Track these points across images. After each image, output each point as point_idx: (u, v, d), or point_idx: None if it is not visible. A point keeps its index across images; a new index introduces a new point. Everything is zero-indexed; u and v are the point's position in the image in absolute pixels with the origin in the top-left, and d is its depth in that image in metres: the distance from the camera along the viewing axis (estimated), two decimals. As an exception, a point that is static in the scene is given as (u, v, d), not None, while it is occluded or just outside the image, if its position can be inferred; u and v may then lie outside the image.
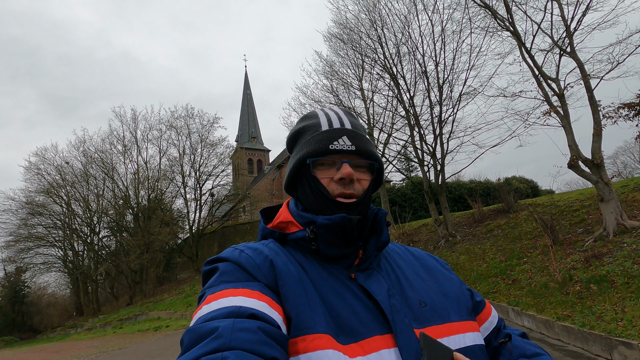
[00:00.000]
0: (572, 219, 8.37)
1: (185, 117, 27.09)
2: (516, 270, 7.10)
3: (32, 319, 35.50)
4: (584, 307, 4.83)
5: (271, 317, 0.55)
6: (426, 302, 0.69)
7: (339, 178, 0.70)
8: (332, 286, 0.65)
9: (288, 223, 0.74)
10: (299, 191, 0.78)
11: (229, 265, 0.64)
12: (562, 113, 7.41)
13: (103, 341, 13.10)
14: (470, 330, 0.70)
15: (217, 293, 0.58)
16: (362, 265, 0.70)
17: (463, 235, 11.00)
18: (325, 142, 0.72)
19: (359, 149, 0.73)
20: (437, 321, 0.67)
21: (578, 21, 7.39)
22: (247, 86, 54.32)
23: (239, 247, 0.69)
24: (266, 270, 0.64)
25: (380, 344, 0.59)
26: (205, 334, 0.50)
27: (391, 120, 13.93)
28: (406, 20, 11.79)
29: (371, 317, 0.62)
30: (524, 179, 21.46)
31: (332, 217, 0.67)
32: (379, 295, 0.65)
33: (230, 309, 0.54)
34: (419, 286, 0.73)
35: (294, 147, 0.82)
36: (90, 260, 29.65)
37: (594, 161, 6.86)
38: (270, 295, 0.60)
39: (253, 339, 0.49)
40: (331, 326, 0.58)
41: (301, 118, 0.84)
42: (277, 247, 0.71)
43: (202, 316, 0.55)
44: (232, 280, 0.61)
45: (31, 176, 27.19)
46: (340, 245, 0.69)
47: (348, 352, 0.56)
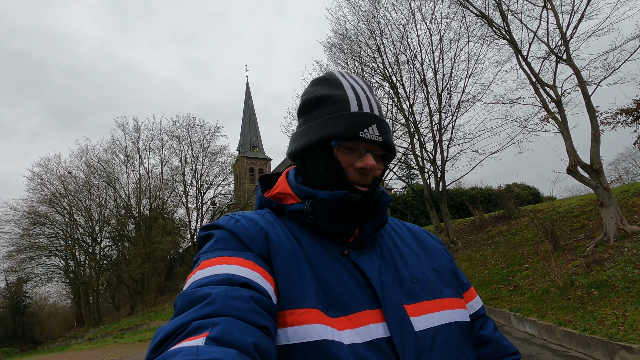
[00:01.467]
0: (572, 225, 8.36)
1: (186, 127, 27.32)
2: (518, 276, 7.08)
3: (32, 330, 35.31)
4: (585, 312, 4.81)
5: (263, 287, 0.55)
6: (418, 277, 0.70)
7: (360, 167, 0.69)
8: (325, 260, 0.65)
9: (286, 195, 0.73)
10: (307, 163, 0.74)
11: (224, 232, 0.64)
12: (560, 119, 7.48)
13: (104, 351, 13.02)
14: (458, 307, 0.71)
15: (212, 260, 0.59)
16: (357, 244, 0.70)
17: (464, 241, 10.98)
18: (356, 128, 0.69)
19: (384, 141, 0.71)
20: (428, 297, 0.68)
21: (573, 29, 7.51)
22: (249, 96, 54.79)
23: (234, 216, 0.69)
24: (260, 241, 0.64)
25: (369, 318, 0.60)
26: (198, 299, 0.50)
27: (391, 128, 14.02)
28: (405, 30, 11.99)
29: (362, 293, 0.62)
30: (525, 186, 21.45)
31: (334, 192, 0.66)
32: (370, 271, 0.66)
33: (224, 276, 0.55)
34: (413, 262, 0.73)
35: (309, 112, 0.76)
36: (91, 270, 29.60)
37: (593, 166, 6.89)
38: (264, 266, 0.60)
39: (245, 307, 0.50)
40: (321, 300, 0.59)
41: (319, 80, 0.78)
42: (273, 218, 0.70)
43: (196, 281, 0.55)
44: (227, 248, 0.61)
45: (34, 186, 27.35)
46: (337, 222, 0.68)
47: (337, 325, 0.57)
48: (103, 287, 30.57)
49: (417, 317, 0.64)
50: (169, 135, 27.24)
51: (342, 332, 0.56)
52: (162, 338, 0.46)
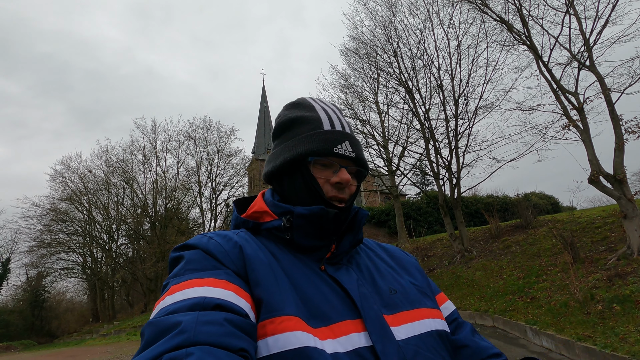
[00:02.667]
0: (593, 236, 8.08)
1: (203, 129, 27.75)
2: (535, 288, 6.88)
3: (50, 324, 36.30)
4: (606, 328, 4.63)
5: (238, 306, 0.54)
6: (396, 289, 0.71)
7: (336, 182, 0.71)
8: (304, 273, 0.65)
9: (262, 213, 0.73)
10: (285, 182, 0.76)
11: (195, 253, 0.63)
12: (582, 127, 7.26)
13: (117, 347, 13.26)
14: (439, 317, 0.72)
15: (182, 283, 0.56)
16: (333, 260, 0.70)
17: (479, 250, 10.75)
18: (330, 144, 0.72)
19: (357, 157, 0.74)
20: (407, 307, 0.68)
21: (597, 35, 7.30)
22: (264, 99, 55.33)
23: (207, 234, 0.68)
24: (235, 256, 0.63)
25: (350, 328, 0.59)
26: (167, 329, 0.47)
27: (406, 133, 13.93)
28: (422, 35, 11.92)
29: (341, 303, 0.62)
30: (544, 195, 20.91)
31: (311, 207, 0.67)
32: (348, 283, 0.66)
33: (195, 300, 0.52)
34: (389, 275, 0.75)
35: (284, 134, 0.79)
36: (107, 267, 30.28)
37: (616, 176, 6.66)
38: (238, 283, 0.58)
39: (219, 331, 0.47)
40: (301, 310, 0.58)
41: (292, 104, 0.82)
42: (249, 236, 0.70)
43: (164, 307, 0.53)
44: (198, 268, 0.59)
45: (56, 184, 28.21)
46: (315, 237, 0.69)
47: (318, 334, 0.56)
48: (118, 284, 31.23)
49: (398, 327, 0.64)
50: (185, 136, 27.75)
51: (324, 342, 0.55)
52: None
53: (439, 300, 0.81)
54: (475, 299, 7.78)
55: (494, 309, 6.87)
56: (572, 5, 7.47)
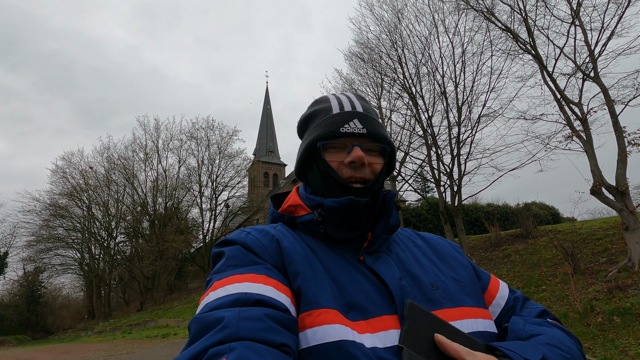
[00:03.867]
0: (594, 248, 8.05)
1: (205, 129, 27.82)
2: (534, 298, 6.83)
3: (45, 320, 36.18)
4: (606, 340, 4.59)
5: (278, 301, 0.55)
6: (438, 285, 0.68)
7: (349, 161, 0.69)
8: (341, 266, 0.64)
9: (297, 207, 0.74)
10: (308, 175, 0.77)
11: (235, 249, 0.64)
12: (585, 138, 7.26)
13: (112, 345, 13.19)
14: (482, 317, 0.67)
15: (223, 280, 0.58)
16: (371, 248, 0.69)
17: (479, 259, 10.71)
18: (336, 125, 0.71)
19: (370, 132, 0.71)
20: (449, 304, 0.65)
21: (602, 46, 7.32)
22: (267, 101, 55.49)
23: (246, 229, 0.69)
24: (272, 250, 0.63)
25: (389, 324, 0.58)
26: (211, 324, 0.50)
27: (408, 139, 13.92)
28: (427, 42, 11.95)
29: (380, 297, 0.61)
30: (545, 205, 20.85)
31: (340, 199, 0.66)
32: (387, 276, 0.64)
33: (236, 296, 0.54)
34: (431, 270, 0.71)
35: (304, 131, 0.80)
36: (105, 264, 30.21)
37: (619, 188, 6.64)
38: (277, 277, 0.59)
39: (260, 327, 0.49)
40: (339, 302, 0.58)
41: (312, 102, 0.83)
42: (286, 229, 0.71)
43: (208, 303, 0.55)
44: (238, 264, 0.61)
45: (57, 179, 28.25)
46: (347, 228, 0.67)
47: (356, 328, 0.55)
48: (115, 281, 31.15)
49: None
50: (187, 136, 27.82)
51: (363, 336, 0.55)
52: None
53: (491, 291, 0.76)
54: (473, 307, 7.74)
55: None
56: (578, 17, 7.49)
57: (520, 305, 0.77)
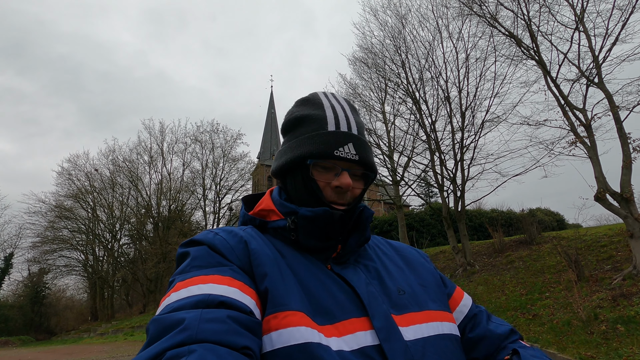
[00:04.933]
0: (599, 255, 7.96)
1: (210, 132, 27.94)
2: (537, 305, 6.77)
3: (49, 320, 36.31)
4: (610, 349, 4.53)
5: (242, 303, 0.54)
6: (405, 290, 0.69)
7: (336, 186, 0.69)
8: (309, 271, 0.64)
9: (269, 211, 0.73)
10: (288, 181, 0.75)
11: (201, 249, 0.62)
12: (589, 144, 7.21)
13: (114, 347, 13.21)
14: (447, 320, 0.69)
15: (187, 280, 0.56)
16: (340, 259, 0.70)
17: (482, 265, 10.63)
18: (331, 147, 0.69)
19: (361, 160, 0.71)
20: (415, 308, 0.67)
21: (607, 52, 7.29)
22: (272, 105, 55.74)
23: (214, 230, 0.68)
24: (240, 251, 0.62)
25: (356, 326, 0.58)
26: (171, 326, 0.48)
27: (412, 144, 13.90)
28: (430, 47, 11.98)
29: (348, 301, 0.61)
30: (550, 211, 20.67)
31: (315, 209, 0.66)
32: (355, 281, 0.65)
33: (199, 297, 0.52)
34: (398, 275, 0.73)
35: (290, 132, 0.78)
36: (109, 265, 30.35)
37: (623, 195, 6.58)
38: (243, 279, 0.58)
39: (222, 329, 0.47)
40: (307, 306, 0.58)
41: (302, 100, 0.80)
42: (255, 232, 0.70)
43: (169, 304, 0.53)
44: (204, 265, 0.59)
45: (62, 181, 28.48)
46: (319, 238, 0.67)
47: (323, 332, 0.55)
48: (118, 283, 31.26)
49: (406, 328, 0.62)
50: (192, 139, 27.95)
51: (329, 339, 0.55)
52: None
53: (456, 298, 0.79)
54: (476, 314, 7.67)
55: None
56: (582, 22, 7.48)
57: (486, 318, 0.79)
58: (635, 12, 7.00)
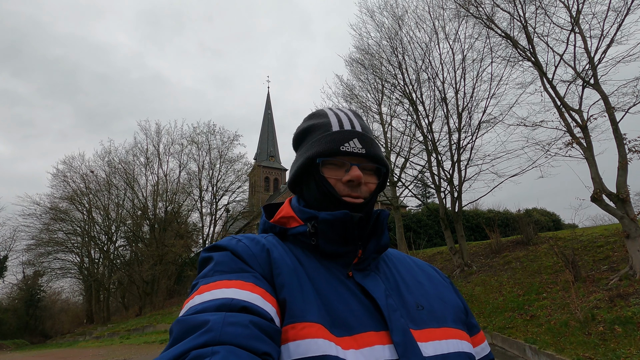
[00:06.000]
0: (595, 255, 7.99)
1: (206, 133, 27.87)
2: (535, 305, 6.78)
3: (44, 324, 36.03)
4: (607, 350, 4.53)
5: (264, 310, 0.54)
6: (423, 305, 0.69)
7: (347, 180, 0.70)
8: (328, 281, 0.65)
9: (289, 218, 0.74)
10: (303, 189, 0.77)
11: (224, 255, 0.64)
12: (585, 145, 7.25)
13: (109, 350, 13.09)
14: (465, 339, 0.68)
15: (210, 284, 0.58)
16: (361, 265, 0.70)
17: (479, 265, 10.65)
18: (337, 143, 0.72)
19: (368, 153, 0.73)
20: (434, 324, 0.66)
21: (602, 54, 7.33)
22: (269, 106, 55.72)
23: (237, 237, 0.69)
24: (262, 259, 0.63)
25: (374, 340, 0.58)
26: (195, 327, 0.49)
27: (409, 145, 13.92)
28: (427, 48, 12.00)
29: (366, 314, 0.61)
30: (546, 212, 20.77)
31: (335, 212, 0.67)
32: (376, 292, 0.64)
33: (222, 301, 0.53)
34: (417, 290, 0.72)
35: (301, 144, 0.81)
36: (105, 268, 30.13)
37: (619, 195, 6.61)
38: (265, 287, 0.59)
39: (244, 333, 0.48)
40: (325, 318, 0.58)
41: (309, 116, 0.84)
42: (276, 240, 0.71)
43: (193, 306, 0.54)
44: (227, 270, 0.60)
45: (57, 183, 28.27)
46: (340, 243, 0.68)
47: (341, 344, 0.55)
48: (114, 286, 31.04)
49: (425, 343, 0.61)
50: (189, 140, 27.87)
51: (347, 352, 0.54)
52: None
53: (478, 339, 0.78)
54: (474, 315, 7.67)
55: (493, 326, 6.76)
56: (578, 24, 7.52)
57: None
58: (630, 13, 7.06)
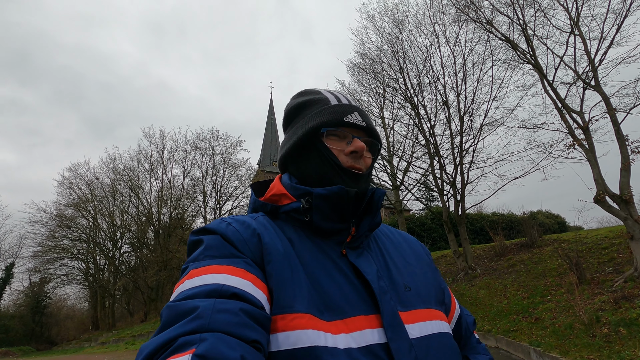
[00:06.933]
0: (600, 257, 7.94)
1: (210, 139, 28.00)
2: (539, 308, 6.74)
3: (50, 330, 36.11)
4: (612, 352, 4.50)
5: (254, 297, 0.54)
6: (411, 286, 0.70)
7: (350, 151, 0.70)
8: (320, 262, 0.64)
9: (281, 196, 0.72)
10: (301, 162, 0.75)
11: (215, 238, 0.63)
12: (587, 146, 7.23)
13: (115, 356, 13.13)
14: (444, 320, 0.71)
15: (201, 269, 0.57)
16: (354, 243, 0.69)
17: (483, 268, 10.60)
18: (340, 114, 0.72)
19: (368, 126, 0.74)
20: (420, 305, 0.68)
21: (602, 55, 7.34)
22: (272, 112, 55.96)
23: (226, 220, 0.67)
24: (253, 245, 0.62)
25: (363, 324, 0.58)
26: (185, 313, 0.49)
27: (411, 149, 13.94)
28: (428, 52, 12.06)
29: (357, 297, 0.61)
30: (551, 214, 20.63)
31: (330, 187, 0.66)
32: (369, 274, 0.64)
33: (213, 287, 0.53)
34: (405, 270, 0.73)
35: (295, 118, 0.79)
36: (110, 274, 30.25)
37: (623, 197, 6.58)
38: (256, 273, 0.58)
39: (234, 320, 0.48)
40: (316, 302, 0.58)
41: (300, 93, 0.82)
42: (267, 220, 0.69)
43: (184, 291, 0.54)
44: (217, 255, 0.59)
45: (63, 190, 28.50)
46: (334, 219, 0.67)
47: (332, 328, 0.56)
48: (119, 292, 31.12)
49: (412, 325, 0.63)
50: (192, 146, 28.00)
51: (337, 336, 0.55)
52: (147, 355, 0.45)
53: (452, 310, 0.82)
54: (478, 318, 7.63)
55: (498, 329, 6.73)
56: (577, 26, 7.55)
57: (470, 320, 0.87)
58: (629, 15, 7.07)
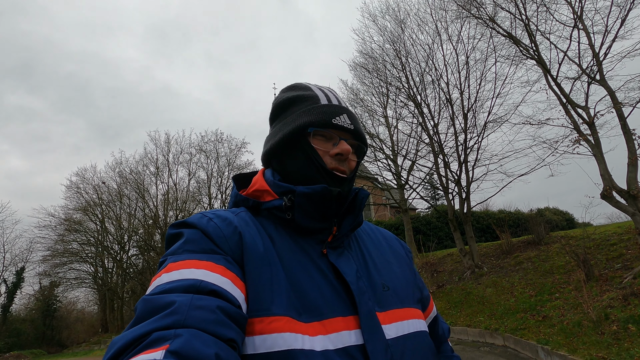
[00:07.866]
0: (608, 254, 7.84)
1: (214, 142, 28.17)
2: (547, 306, 6.67)
3: (60, 333, 36.50)
4: (621, 349, 4.44)
5: (232, 296, 0.53)
6: (389, 285, 0.70)
7: (336, 153, 0.70)
8: (300, 262, 0.63)
9: (263, 192, 0.71)
10: (284, 160, 0.74)
11: (194, 233, 0.61)
12: (593, 142, 7.16)
13: (124, 359, 13.25)
14: (421, 318, 0.72)
15: (180, 262, 0.55)
16: (335, 243, 0.68)
17: (490, 266, 10.52)
18: (328, 115, 0.71)
19: (356, 130, 0.73)
20: (397, 305, 0.68)
21: (607, 49, 7.26)
22: (275, 113, 56.06)
23: (207, 214, 0.65)
24: (233, 243, 0.61)
25: (341, 325, 0.58)
26: (161, 307, 0.48)
27: (415, 147, 13.90)
28: (430, 50, 12.02)
29: (336, 298, 0.61)
30: (559, 211, 20.41)
31: (313, 186, 0.66)
32: (349, 275, 0.64)
33: (191, 282, 0.51)
34: (384, 269, 0.73)
35: (283, 113, 0.78)
36: (118, 277, 30.55)
37: (630, 192, 6.50)
38: (235, 271, 0.57)
39: (210, 318, 0.47)
40: (294, 304, 0.57)
41: (290, 87, 0.81)
42: (248, 216, 0.68)
43: (160, 285, 0.52)
44: (197, 250, 0.58)
45: (71, 194, 28.86)
46: (316, 218, 0.67)
47: (309, 330, 0.55)
48: (128, 294, 31.38)
49: (388, 325, 0.63)
50: (197, 149, 28.21)
51: (315, 338, 0.55)
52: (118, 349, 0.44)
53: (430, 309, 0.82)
54: (485, 317, 7.57)
55: (505, 328, 6.67)
56: (581, 20, 7.47)
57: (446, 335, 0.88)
58: (634, 8, 6.99)
